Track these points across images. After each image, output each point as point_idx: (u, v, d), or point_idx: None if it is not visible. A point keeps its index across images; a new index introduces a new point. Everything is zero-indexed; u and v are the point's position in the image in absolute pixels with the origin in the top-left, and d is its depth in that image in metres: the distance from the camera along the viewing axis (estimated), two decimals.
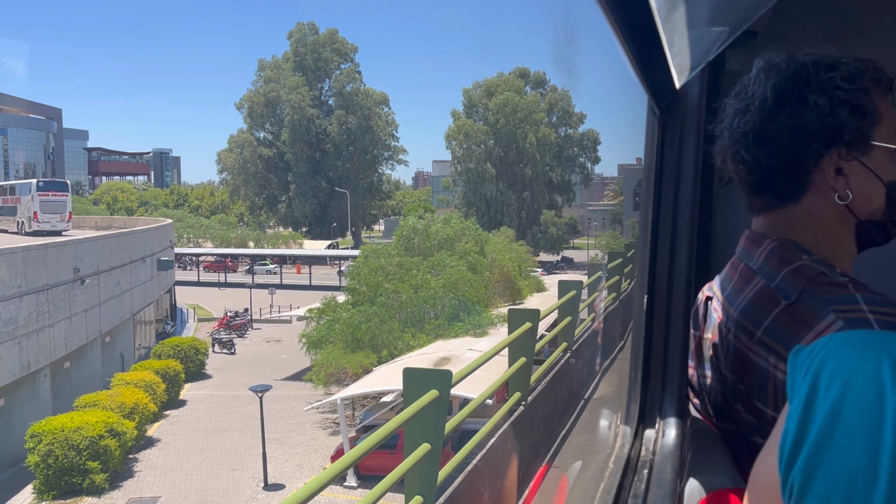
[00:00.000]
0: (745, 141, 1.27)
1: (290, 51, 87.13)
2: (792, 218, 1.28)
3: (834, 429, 0.57)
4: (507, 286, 33.37)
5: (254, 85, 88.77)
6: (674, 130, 1.75)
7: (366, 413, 22.34)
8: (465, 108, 74.84)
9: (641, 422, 1.77)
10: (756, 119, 1.25)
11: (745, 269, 1.33)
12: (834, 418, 0.57)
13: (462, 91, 75.17)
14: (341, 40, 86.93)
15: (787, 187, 1.27)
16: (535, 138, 71.21)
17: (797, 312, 1.17)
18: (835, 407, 0.57)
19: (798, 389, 0.62)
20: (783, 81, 1.23)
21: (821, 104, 1.20)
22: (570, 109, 76.50)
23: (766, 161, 1.26)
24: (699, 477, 1.31)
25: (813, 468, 0.57)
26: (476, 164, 72.43)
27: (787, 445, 0.61)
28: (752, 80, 1.28)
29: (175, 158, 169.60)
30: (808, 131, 1.21)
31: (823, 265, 1.21)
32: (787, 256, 1.25)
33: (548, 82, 78.23)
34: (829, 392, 0.58)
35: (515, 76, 75.32)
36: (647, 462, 1.58)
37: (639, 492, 1.47)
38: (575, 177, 79.24)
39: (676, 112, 1.75)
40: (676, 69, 1.52)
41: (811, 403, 0.59)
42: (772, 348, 1.21)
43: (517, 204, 72.25)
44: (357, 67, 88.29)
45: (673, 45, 1.33)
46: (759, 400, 1.24)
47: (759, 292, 1.27)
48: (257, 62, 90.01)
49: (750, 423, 1.29)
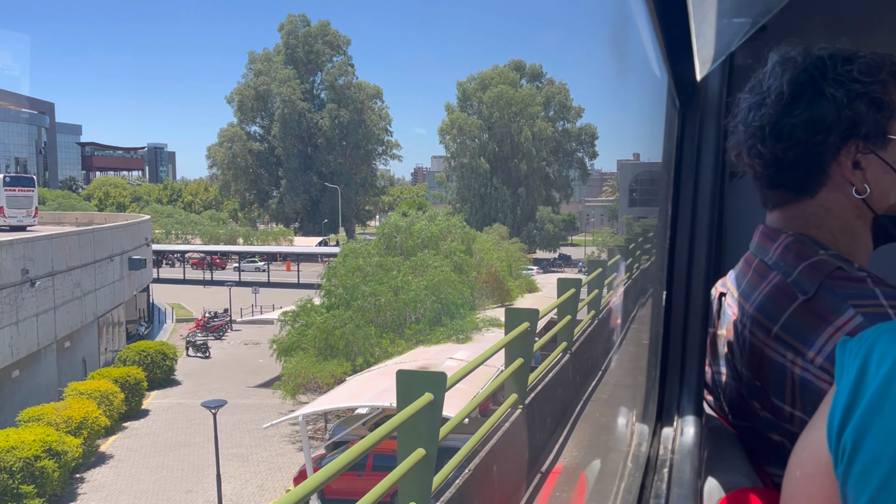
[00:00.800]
0: (762, 135, 1.26)
1: (281, 43, 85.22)
2: (808, 212, 1.28)
3: (884, 399, 0.61)
4: (496, 287, 31.52)
5: (244, 78, 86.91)
6: (693, 124, 1.72)
7: (336, 427, 20.47)
8: (459, 102, 72.92)
9: (660, 420, 1.75)
10: (772, 112, 1.25)
11: (760, 265, 1.33)
12: (885, 390, 0.62)
13: (456, 84, 73.30)
14: (333, 32, 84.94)
15: (803, 181, 1.26)
16: (531, 132, 69.27)
17: (815, 308, 1.17)
18: (886, 381, 0.62)
19: (847, 370, 0.67)
20: (799, 74, 1.23)
21: (838, 97, 1.19)
22: (568, 103, 74.57)
23: (782, 154, 1.25)
24: (717, 476, 1.32)
25: (864, 431, 0.62)
26: (470, 159, 70.52)
27: (838, 415, 0.66)
28: (767, 74, 1.28)
29: (170, 154, 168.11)
30: (825, 124, 1.20)
31: (841, 260, 1.20)
32: (803, 251, 1.24)
33: (544, 75, 76.36)
34: (881, 369, 0.63)
35: (510, 69, 73.38)
36: (666, 461, 1.56)
37: (660, 491, 1.46)
38: (573, 172, 77.33)
39: (696, 105, 1.72)
40: (699, 60, 1.55)
41: (862, 379, 0.65)
42: (789, 344, 1.20)
43: (512, 200, 70.33)
44: (350, 60, 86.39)
45: (700, 35, 1.35)
46: (776, 396, 1.23)
47: (775, 288, 1.26)
48: (248, 55, 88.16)
49: (766, 420, 1.28)
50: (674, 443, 1.58)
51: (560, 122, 74.81)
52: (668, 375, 1.70)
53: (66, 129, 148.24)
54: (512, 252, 36.28)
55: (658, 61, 1.47)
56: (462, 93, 72.37)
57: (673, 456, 1.54)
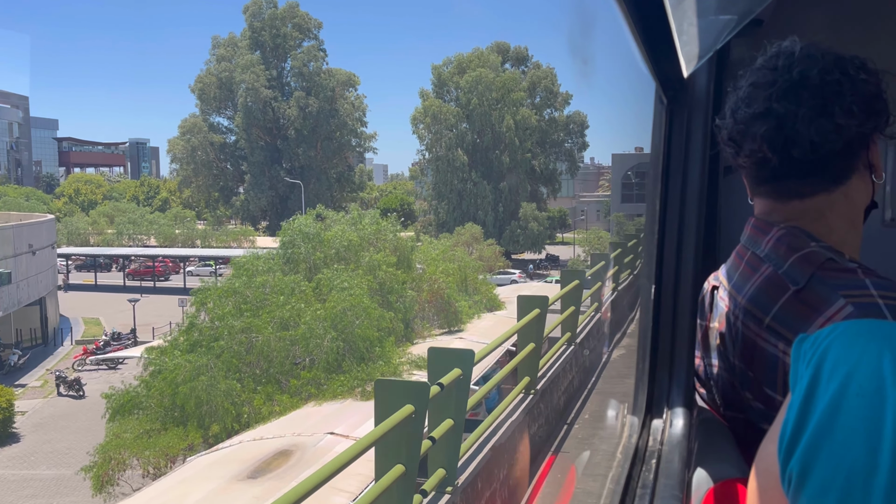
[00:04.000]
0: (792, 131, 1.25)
1: (246, 26, 78.28)
2: (808, 206, 1.28)
3: (834, 420, 0.57)
4: (441, 308, 24.61)
5: (206, 65, 79.94)
6: (681, 120, 1.74)
7: None
8: (435, 88, 65.76)
9: (649, 412, 1.75)
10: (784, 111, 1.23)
11: (752, 257, 1.34)
12: (834, 410, 0.57)
13: (431, 68, 66.11)
14: (303, 14, 77.84)
15: (836, 173, 1.25)
16: (513, 121, 62.09)
17: (806, 298, 1.18)
18: (835, 399, 0.57)
19: (800, 379, 0.63)
20: (808, 70, 1.22)
21: (859, 91, 1.19)
22: (555, 89, 67.36)
23: (822, 147, 1.23)
24: (707, 466, 1.33)
25: (812, 458, 0.58)
26: (446, 150, 63.38)
27: (787, 435, 0.61)
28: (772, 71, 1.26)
29: (154, 149, 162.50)
30: (858, 117, 1.20)
31: (832, 252, 1.22)
32: (795, 243, 1.25)
33: (530, 58, 69.14)
34: (831, 383, 0.58)
35: (492, 51, 66.21)
36: (654, 452, 1.57)
37: (647, 481, 1.47)
38: (561, 165, 70.11)
39: (684, 101, 1.74)
40: (685, 58, 1.54)
41: (812, 394, 0.60)
42: (781, 334, 1.21)
43: (493, 196, 63.22)
44: (321, 45, 79.36)
45: (682, 33, 1.36)
46: (769, 386, 1.25)
47: (766, 279, 1.27)
48: (211, 40, 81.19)
49: (759, 411, 1.30)
50: (663, 434, 1.58)
51: (547, 109, 67.64)
52: (658, 368, 1.70)
53: (42, 124, 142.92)
54: (468, 261, 29.21)
55: (641, 59, 1.47)
56: (437, 77, 65.24)
57: (662, 447, 1.54)
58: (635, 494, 1.45)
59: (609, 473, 2.19)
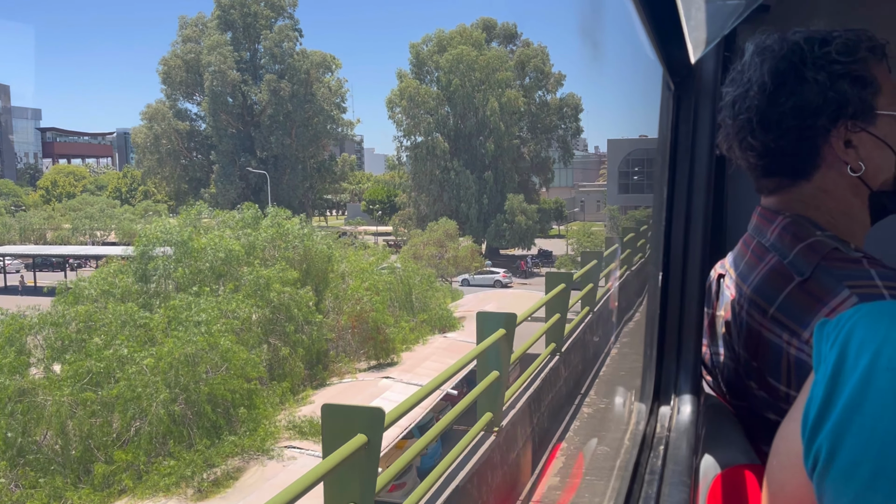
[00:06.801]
0: (750, 126, 1.27)
1: (215, 5, 72.29)
2: (804, 195, 1.28)
3: (864, 395, 0.57)
4: (367, 336, 18.76)
5: (172, 46, 73.98)
6: (688, 106, 1.73)
7: None
8: (413, 68, 59.64)
9: (657, 398, 1.77)
10: (757, 104, 1.26)
11: (758, 246, 1.33)
12: (864, 385, 0.57)
13: (409, 46, 59.95)
14: None
15: (798, 166, 1.27)
16: (499, 104, 55.95)
17: (811, 289, 1.17)
18: (865, 374, 0.57)
19: (825, 359, 0.62)
20: (779, 63, 1.24)
21: (820, 80, 1.20)
22: (547, 69, 61.17)
23: (774, 144, 1.26)
24: (714, 453, 1.33)
25: (842, 433, 0.58)
26: (425, 136, 57.34)
27: (812, 413, 0.61)
28: (746, 66, 1.29)
29: None
30: (812, 108, 1.21)
31: (837, 241, 1.21)
32: (799, 233, 1.24)
33: (519, 36, 62.95)
34: (860, 360, 0.58)
35: (476, 28, 60.08)
36: (662, 438, 1.58)
37: (655, 467, 1.48)
38: (554, 152, 63.98)
39: (691, 87, 1.72)
40: (692, 43, 1.56)
41: (839, 371, 0.60)
42: (785, 325, 1.20)
43: (477, 187, 57.17)
44: (296, 24, 73.31)
45: (690, 18, 1.37)
46: (773, 376, 1.24)
47: (771, 269, 1.27)
48: (178, 20, 75.24)
49: (763, 400, 1.29)
50: (671, 421, 1.60)
51: (538, 92, 61.49)
52: (665, 355, 1.73)
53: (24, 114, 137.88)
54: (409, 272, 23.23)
55: (649, 44, 1.48)
56: (416, 56, 59.13)
57: (669, 434, 1.56)
58: (643, 480, 1.45)
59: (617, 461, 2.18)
